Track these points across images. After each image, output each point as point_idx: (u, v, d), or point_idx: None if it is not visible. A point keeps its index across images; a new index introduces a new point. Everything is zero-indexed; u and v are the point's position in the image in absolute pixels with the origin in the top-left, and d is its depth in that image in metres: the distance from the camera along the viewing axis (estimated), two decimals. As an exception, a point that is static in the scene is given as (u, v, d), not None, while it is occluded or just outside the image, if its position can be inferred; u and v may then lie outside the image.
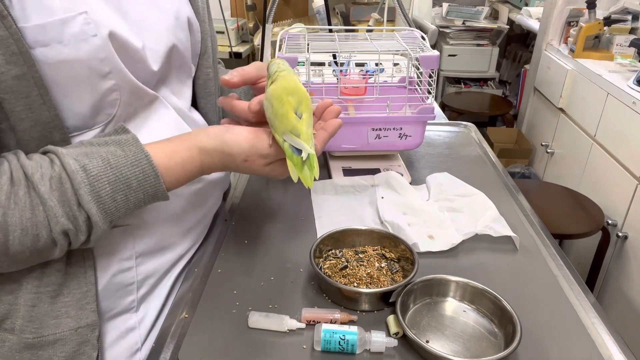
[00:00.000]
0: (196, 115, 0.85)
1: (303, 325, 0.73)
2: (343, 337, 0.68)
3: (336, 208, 1.03)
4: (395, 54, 1.45)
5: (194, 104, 0.87)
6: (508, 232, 0.93)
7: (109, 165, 0.61)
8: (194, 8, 0.81)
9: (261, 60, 1.47)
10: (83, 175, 0.59)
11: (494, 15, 3.79)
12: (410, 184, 1.11)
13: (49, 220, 0.58)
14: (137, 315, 0.75)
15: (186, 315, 0.76)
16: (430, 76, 1.07)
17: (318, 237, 0.86)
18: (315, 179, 0.65)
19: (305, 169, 0.65)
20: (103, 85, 0.63)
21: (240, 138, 0.68)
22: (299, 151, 0.65)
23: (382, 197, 1.03)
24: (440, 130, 1.45)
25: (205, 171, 0.71)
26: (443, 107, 3.08)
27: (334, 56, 1.44)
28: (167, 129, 0.74)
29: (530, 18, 3.20)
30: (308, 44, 1.10)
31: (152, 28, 0.71)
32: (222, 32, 2.63)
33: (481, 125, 2.83)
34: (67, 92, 0.61)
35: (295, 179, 0.65)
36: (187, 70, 0.81)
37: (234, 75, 0.76)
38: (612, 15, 2.38)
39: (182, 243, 0.82)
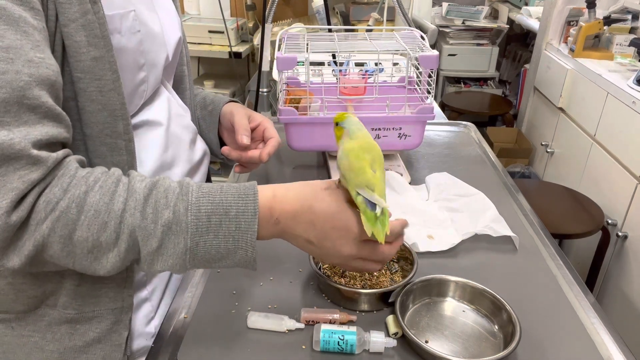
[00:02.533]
0: (181, 103, 0.90)
1: (302, 326, 0.73)
2: (342, 338, 0.68)
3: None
4: (394, 53, 1.45)
5: None
6: (508, 232, 0.93)
7: (220, 189, 0.62)
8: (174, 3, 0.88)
9: (260, 59, 1.47)
10: (195, 188, 0.61)
11: (493, 15, 3.78)
12: (409, 184, 1.11)
13: (125, 211, 0.58)
14: (148, 289, 0.78)
15: (185, 316, 0.76)
16: (429, 76, 1.06)
17: (317, 237, 0.85)
18: (386, 234, 0.64)
19: (378, 224, 0.63)
20: (138, 76, 0.71)
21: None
22: (372, 206, 0.64)
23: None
24: (440, 130, 1.45)
25: (276, 206, 0.64)
26: (443, 106, 3.08)
27: (334, 56, 1.43)
28: (168, 115, 0.80)
29: (530, 17, 3.19)
30: (307, 44, 1.10)
31: (169, 22, 0.80)
32: (222, 32, 2.62)
33: (481, 125, 2.83)
34: None
35: (369, 234, 0.63)
36: (175, 64, 0.88)
37: (244, 138, 0.88)
38: (612, 15, 2.38)
39: None
